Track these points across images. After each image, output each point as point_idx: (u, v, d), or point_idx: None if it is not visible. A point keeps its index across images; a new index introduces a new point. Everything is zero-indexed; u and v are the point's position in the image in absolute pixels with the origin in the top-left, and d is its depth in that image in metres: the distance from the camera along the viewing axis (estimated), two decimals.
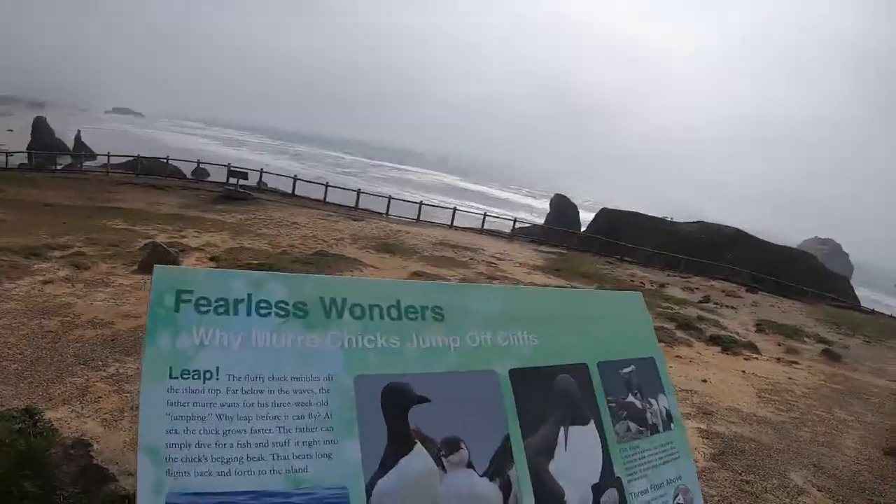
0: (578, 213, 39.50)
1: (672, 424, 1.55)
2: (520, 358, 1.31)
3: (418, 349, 1.18)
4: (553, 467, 1.22)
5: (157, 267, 1.08)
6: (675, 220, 35.63)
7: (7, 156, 23.48)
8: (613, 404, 1.42)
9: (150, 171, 23.72)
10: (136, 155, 24.07)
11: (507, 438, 1.19)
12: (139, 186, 20.58)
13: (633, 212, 35.39)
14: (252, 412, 0.98)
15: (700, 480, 6.01)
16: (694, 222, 34.95)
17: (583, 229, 34.55)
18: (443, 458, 1.09)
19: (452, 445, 1.10)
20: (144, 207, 16.46)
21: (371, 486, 1.01)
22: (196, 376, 0.98)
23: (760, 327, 14.59)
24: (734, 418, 7.25)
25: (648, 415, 1.50)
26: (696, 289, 21.09)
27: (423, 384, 1.14)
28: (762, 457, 6.14)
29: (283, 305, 1.09)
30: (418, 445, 1.08)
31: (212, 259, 10.60)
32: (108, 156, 23.47)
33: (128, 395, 4.68)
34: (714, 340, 11.15)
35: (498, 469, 1.14)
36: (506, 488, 1.13)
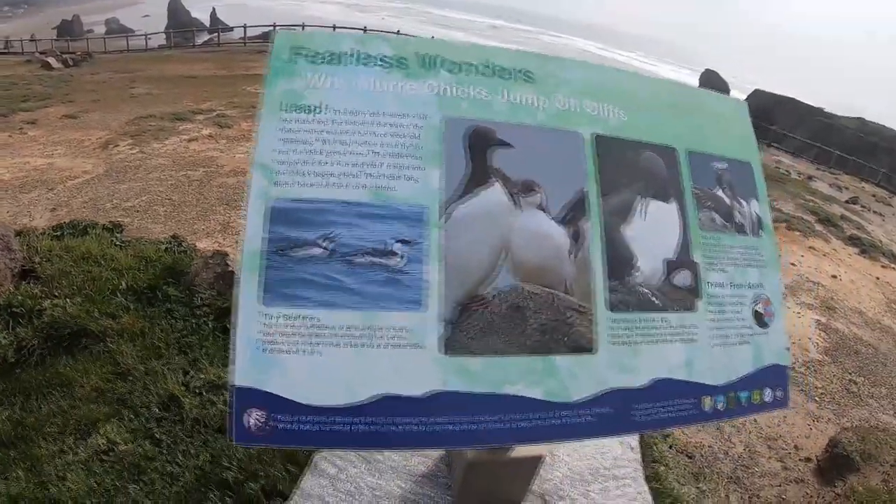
0: (729, 92, 35.47)
1: (762, 232, 1.49)
2: (606, 127, 1.32)
3: (507, 103, 1.25)
4: (627, 231, 1.26)
5: (278, 31, 1.24)
6: (831, 112, 30.64)
7: (146, 39, 25.75)
8: (699, 192, 1.40)
9: None
10: (272, 25, 24.62)
11: (583, 193, 1.24)
12: None
13: (788, 97, 31.14)
14: (350, 138, 1.14)
15: (807, 371, 5.81)
16: (853, 118, 30.07)
17: None
18: (518, 197, 1.18)
19: (529, 187, 1.18)
20: None
21: (448, 209, 1.15)
22: (306, 110, 1.15)
23: None
24: (856, 319, 6.75)
25: (736, 213, 1.45)
26: (846, 188, 18.60)
27: (507, 132, 1.22)
28: (876, 363, 5.79)
29: (386, 59, 1.22)
30: (497, 182, 1.18)
31: None
32: (245, 28, 24.53)
33: None
34: (853, 241, 10.03)
35: (571, 218, 1.21)
36: (576, 236, 1.20)
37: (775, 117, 27.60)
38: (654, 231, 1.29)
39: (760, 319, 1.42)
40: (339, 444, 1.03)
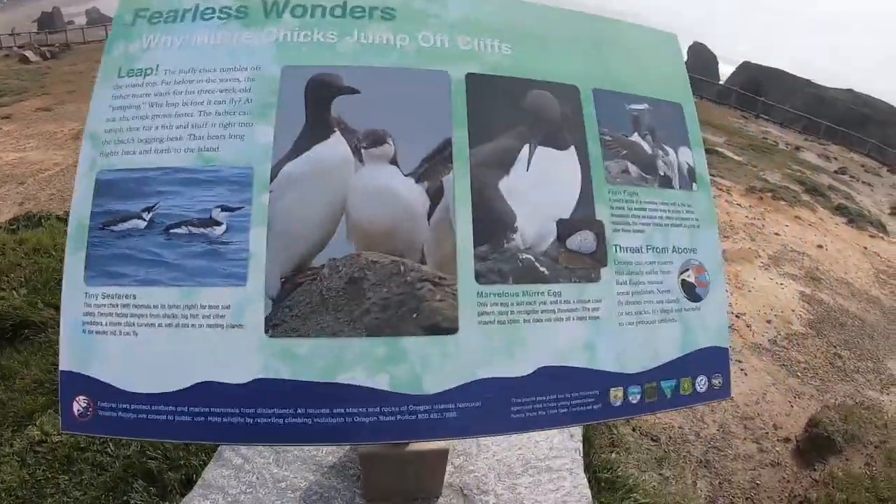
0: (718, 64, 35.07)
1: (695, 185, 1.25)
2: (483, 64, 1.13)
3: (356, 44, 1.10)
4: (505, 185, 1.08)
5: None
6: (822, 84, 30.53)
7: None
8: (609, 138, 1.17)
9: None
10: None
11: (447, 142, 1.06)
12: None
13: (777, 69, 30.85)
14: (179, 99, 1.05)
15: (790, 344, 5.64)
16: (843, 89, 29.83)
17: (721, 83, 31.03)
18: (362, 150, 1.02)
19: (375, 138, 1.02)
20: None
21: (278, 169, 1.02)
22: (139, 74, 1.08)
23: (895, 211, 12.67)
24: (842, 290, 6.61)
25: (660, 163, 1.21)
26: (834, 158, 18.47)
27: (355, 78, 1.07)
28: (862, 336, 5.64)
29: (226, 10, 1.13)
30: (337, 134, 1.03)
31: None
32: None
33: None
34: (840, 211, 9.88)
35: (429, 172, 1.04)
36: (435, 194, 1.04)
37: (765, 90, 27.54)
38: (542, 185, 1.09)
39: (691, 291, 1.18)
40: (161, 435, 0.92)
